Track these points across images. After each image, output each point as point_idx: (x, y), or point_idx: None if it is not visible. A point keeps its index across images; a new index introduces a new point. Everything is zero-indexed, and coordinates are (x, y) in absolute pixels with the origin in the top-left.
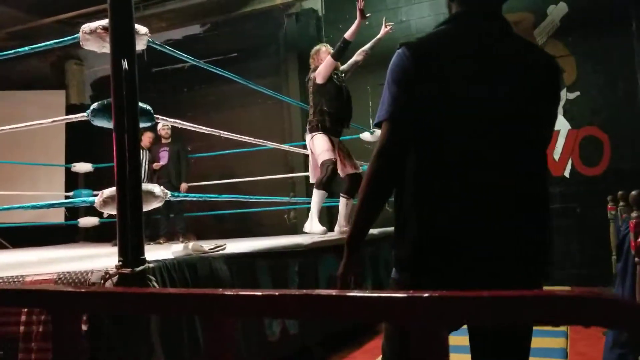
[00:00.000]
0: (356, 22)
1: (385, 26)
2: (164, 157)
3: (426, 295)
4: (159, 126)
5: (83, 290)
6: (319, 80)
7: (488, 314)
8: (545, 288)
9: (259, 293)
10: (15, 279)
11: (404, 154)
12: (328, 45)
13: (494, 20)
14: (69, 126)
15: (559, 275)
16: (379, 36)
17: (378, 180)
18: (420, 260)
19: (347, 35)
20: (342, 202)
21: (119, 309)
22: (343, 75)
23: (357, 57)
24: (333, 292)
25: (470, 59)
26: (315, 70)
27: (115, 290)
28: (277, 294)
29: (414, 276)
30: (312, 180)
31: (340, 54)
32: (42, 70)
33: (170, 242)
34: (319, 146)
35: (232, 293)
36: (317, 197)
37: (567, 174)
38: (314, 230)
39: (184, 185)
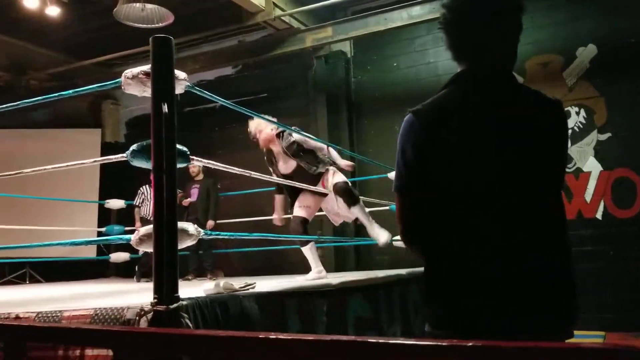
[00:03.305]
0: None
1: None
2: (194, 194)
3: (470, 344)
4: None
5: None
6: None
7: None
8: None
9: (311, 337)
10: (53, 314)
11: (418, 218)
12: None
13: (497, 75)
14: (103, 164)
15: (591, 321)
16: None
17: (406, 237)
18: (451, 318)
19: None
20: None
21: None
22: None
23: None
24: (381, 340)
25: (475, 119)
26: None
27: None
28: (328, 339)
29: (447, 334)
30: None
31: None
32: (80, 110)
33: (199, 278)
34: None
35: (286, 337)
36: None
37: (599, 216)
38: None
39: (210, 222)
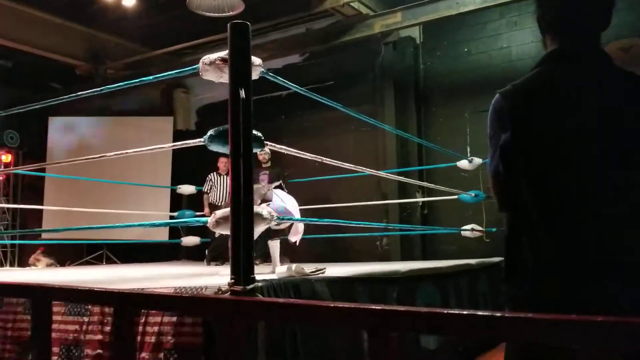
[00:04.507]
0: None
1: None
2: (263, 181)
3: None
4: (258, 151)
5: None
6: None
7: None
8: None
9: (424, 310)
10: (135, 292)
11: (513, 199)
12: None
13: (592, 55)
14: (175, 150)
15: None
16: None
17: (501, 210)
18: (539, 295)
19: None
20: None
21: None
22: None
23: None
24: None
25: (569, 100)
26: None
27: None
28: (445, 312)
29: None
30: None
31: None
32: (153, 98)
33: (266, 263)
34: None
35: (403, 309)
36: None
37: None
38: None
39: None
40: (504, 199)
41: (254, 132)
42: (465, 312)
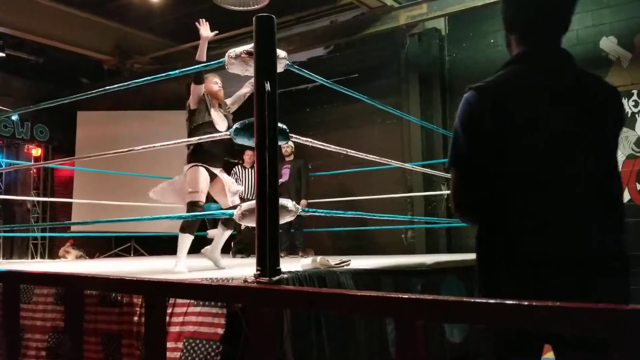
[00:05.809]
0: (200, 41)
1: None
2: (285, 174)
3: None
4: (282, 144)
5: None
6: (191, 106)
7: None
8: None
9: (452, 299)
10: (165, 281)
11: (474, 192)
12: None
13: (555, 55)
14: None
15: None
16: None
17: (460, 210)
18: (507, 288)
19: (197, 56)
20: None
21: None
22: (228, 108)
23: (245, 89)
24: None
25: (535, 98)
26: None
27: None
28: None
29: None
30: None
31: (198, 78)
32: (178, 92)
33: (290, 256)
34: (189, 182)
35: (428, 297)
36: (182, 241)
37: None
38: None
39: (303, 202)
40: (470, 197)
41: (279, 124)
42: (492, 301)
